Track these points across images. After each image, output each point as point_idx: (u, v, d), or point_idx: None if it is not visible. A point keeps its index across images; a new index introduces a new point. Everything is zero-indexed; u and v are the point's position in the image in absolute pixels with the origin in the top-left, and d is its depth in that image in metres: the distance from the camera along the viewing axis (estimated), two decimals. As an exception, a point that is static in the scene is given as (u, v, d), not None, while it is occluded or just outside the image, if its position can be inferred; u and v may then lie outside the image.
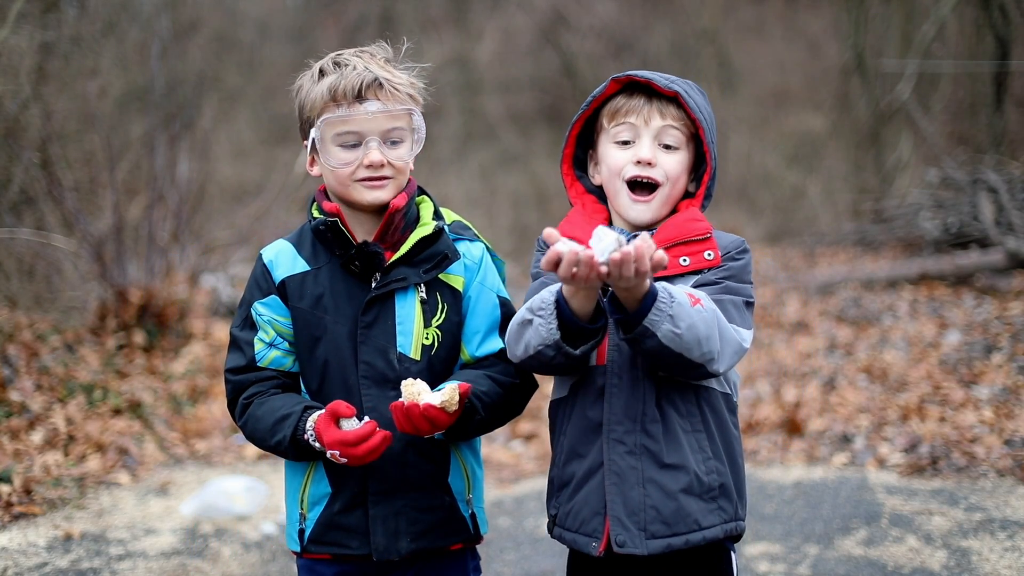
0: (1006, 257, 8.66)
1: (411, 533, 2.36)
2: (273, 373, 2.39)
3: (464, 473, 2.43)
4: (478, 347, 2.41)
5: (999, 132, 11.87)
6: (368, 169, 2.32)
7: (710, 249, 2.26)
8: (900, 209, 11.53)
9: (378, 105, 2.30)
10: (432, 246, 2.38)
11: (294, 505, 2.44)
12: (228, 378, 2.42)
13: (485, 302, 2.42)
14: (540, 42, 18.27)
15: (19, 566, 4.38)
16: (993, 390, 6.18)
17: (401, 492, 2.35)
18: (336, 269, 2.37)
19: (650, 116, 2.31)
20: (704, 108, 2.33)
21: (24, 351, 6.47)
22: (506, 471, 6.07)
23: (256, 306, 2.40)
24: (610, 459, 2.23)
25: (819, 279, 9.93)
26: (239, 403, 2.40)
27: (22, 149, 7.44)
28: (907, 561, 4.28)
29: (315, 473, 2.39)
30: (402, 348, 2.34)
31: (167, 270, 7.67)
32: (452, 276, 2.40)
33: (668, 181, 2.31)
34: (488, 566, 4.50)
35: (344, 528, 2.37)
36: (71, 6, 8.75)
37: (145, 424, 6.28)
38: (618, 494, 2.21)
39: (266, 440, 2.32)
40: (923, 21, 12.50)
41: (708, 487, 2.22)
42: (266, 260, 2.42)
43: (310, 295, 2.37)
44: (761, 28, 17.40)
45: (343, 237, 2.35)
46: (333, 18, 17.52)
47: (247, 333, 2.41)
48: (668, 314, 2.06)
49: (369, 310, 2.34)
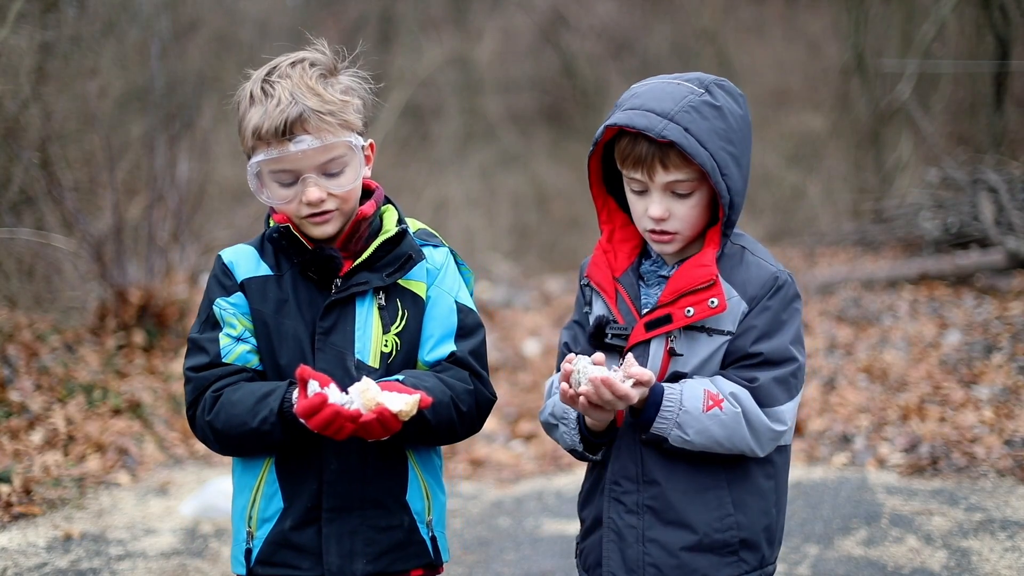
0: (1006, 257, 8.65)
1: (367, 554, 2.25)
2: (240, 367, 2.26)
3: (424, 493, 2.33)
4: (430, 352, 2.30)
5: (999, 132, 11.86)
6: (308, 207, 2.21)
7: (714, 296, 2.14)
8: (900, 209, 11.53)
9: (308, 140, 2.17)
10: (394, 249, 2.29)
11: (241, 522, 2.30)
12: (189, 376, 2.26)
13: (441, 306, 2.32)
14: (540, 42, 18.27)
15: (19, 566, 4.38)
16: (993, 390, 6.17)
17: (358, 509, 2.25)
18: (298, 276, 2.28)
19: (653, 171, 2.16)
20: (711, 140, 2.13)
21: (24, 351, 6.47)
22: (506, 471, 6.07)
23: (220, 302, 2.28)
24: (608, 517, 2.23)
25: (819, 279, 9.92)
26: (206, 398, 2.23)
27: (22, 149, 7.44)
28: (907, 561, 4.27)
29: (266, 487, 2.27)
30: (360, 355, 2.25)
31: (167, 270, 7.66)
32: (414, 282, 2.31)
33: (685, 227, 2.20)
34: (488, 566, 4.50)
35: (295, 547, 2.25)
36: (71, 6, 8.75)
37: (145, 424, 6.28)
38: (615, 551, 2.22)
39: (246, 423, 2.16)
40: (923, 21, 12.49)
41: (723, 543, 2.18)
42: (226, 260, 2.32)
43: (273, 299, 2.28)
44: (761, 28, 17.39)
45: (297, 243, 2.27)
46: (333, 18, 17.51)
47: (209, 333, 2.28)
48: (675, 422, 2.10)
49: (328, 315, 2.25)
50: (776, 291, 2.19)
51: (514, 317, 10.11)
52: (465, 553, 4.68)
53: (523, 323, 9.82)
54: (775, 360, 2.16)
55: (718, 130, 2.15)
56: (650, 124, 2.12)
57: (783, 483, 2.27)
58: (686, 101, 2.15)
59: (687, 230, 2.21)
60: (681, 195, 2.18)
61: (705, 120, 2.14)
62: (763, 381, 2.14)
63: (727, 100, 2.20)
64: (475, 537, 4.89)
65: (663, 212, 2.17)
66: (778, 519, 2.28)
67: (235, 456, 2.32)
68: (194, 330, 2.32)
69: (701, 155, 2.11)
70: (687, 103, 2.15)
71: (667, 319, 2.17)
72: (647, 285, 2.26)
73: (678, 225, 2.19)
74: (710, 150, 2.12)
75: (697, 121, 2.13)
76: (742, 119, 2.21)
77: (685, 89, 2.18)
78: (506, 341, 9.09)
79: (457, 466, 6.21)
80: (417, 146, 17.16)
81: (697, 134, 2.12)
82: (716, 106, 2.17)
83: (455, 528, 5.02)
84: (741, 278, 2.20)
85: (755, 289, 2.18)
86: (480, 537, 4.88)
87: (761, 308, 2.17)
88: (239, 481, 2.33)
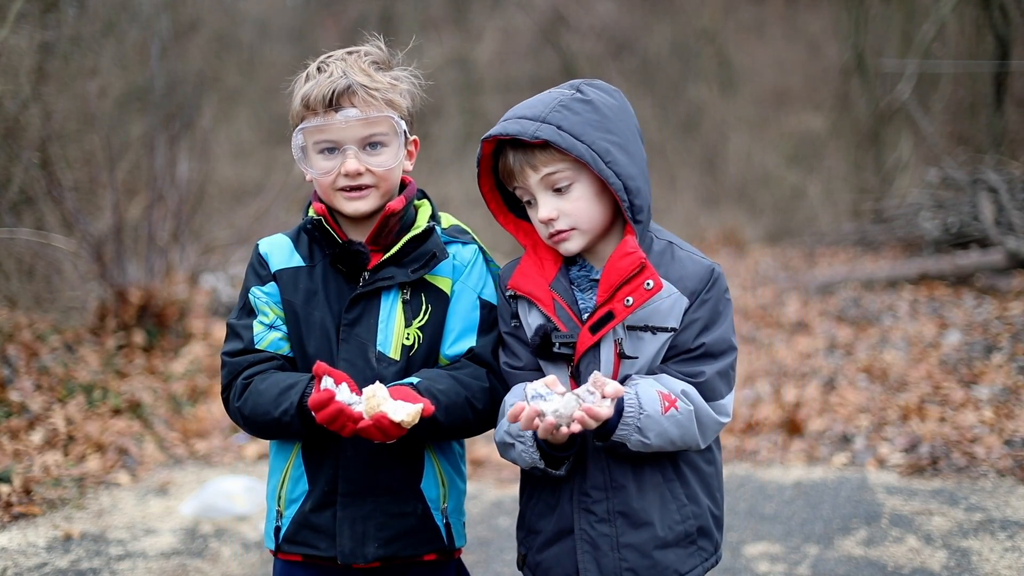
0: (1006, 257, 8.65)
1: (379, 539, 2.32)
2: (272, 354, 2.35)
3: (440, 481, 2.39)
4: (450, 346, 2.36)
5: (999, 132, 11.86)
6: (346, 178, 2.29)
7: (649, 279, 2.14)
8: (900, 209, 11.54)
9: (354, 112, 2.26)
10: (421, 245, 2.35)
11: (273, 502, 2.42)
12: (225, 360, 2.37)
13: (464, 302, 2.37)
14: (540, 42, 18.26)
15: (19, 566, 4.38)
16: (993, 390, 6.17)
17: (371, 495, 2.32)
18: (328, 268, 2.36)
19: (524, 175, 2.19)
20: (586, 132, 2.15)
21: (24, 351, 6.47)
22: (506, 471, 6.07)
23: (254, 290, 2.38)
24: (581, 528, 2.23)
25: (819, 279, 9.93)
26: (237, 384, 2.34)
27: (22, 149, 7.44)
28: (907, 561, 4.27)
29: (294, 470, 2.36)
30: (382, 347, 2.31)
31: (167, 270, 7.67)
32: (439, 278, 2.37)
33: (577, 221, 2.20)
34: (488, 566, 4.50)
35: (314, 528, 2.34)
36: (71, 6, 8.75)
37: (145, 424, 6.28)
38: (591, 561, 2.22)
39: (270, 412, 2.26)
40: (923, 21, 12.49)
41: (685, 534, 2.23)
42: (262, 251, 2.42)
43: (303, 289, 2.35)
44: (761, 28, 17.39)
45: (330, 236, 2.35)
46: (333, 18, 17.52)
47: (245, 320, 2.38)
48: (636, 426, 2.11)
49: (353, 307, 2.32)
50: (713, 284, 2.22)
51: (514, 317, 10.10)
52: (465, 553, 4.68)
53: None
54: (716, 352, 2.20)
55: (592, 122, 2.17)
56: (523, 129, 2.16)
57: (719, 467, 2.32)
58: (556, 102, 2.19)
59: (581, 223, 2.21)
60: (561, 190, 2.19)
61: (576, 115, 2.17)
62: (708, 375, 2.18)
63: (598, 94, 2.22)
64: (475, 537, 4.89)
65: (550, 212, 2.19)
66: (720, 501, 2.32)
67: (265, 439, 2.42)
68: (232, 316, 2.42)
69: (578, 148, 2.13)
70: (557, 103, 2.19)
71: (609, 316, 2.17)
72: (580, 290, 2.26)
73: (570, 221, 2.20)
74: (586, 141, 2.14)
75: (569, 117, 2.17)
76: (619, 109, 2.23)
77: (555, 94, 2.22)
78: (506, 341, 9.09)
79: (457, 466, 6.21)
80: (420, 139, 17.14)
81: (571, 129, 2.15)
82: (586, 100, 2.20)
83: (455, 528, 5.02)
84: (678, 274, 2.21)
85: (694, 283, 2.21)
86: (480, 537, 4.88)
87: (700, 301, 2.20)
88: (273, 463, 2.42)
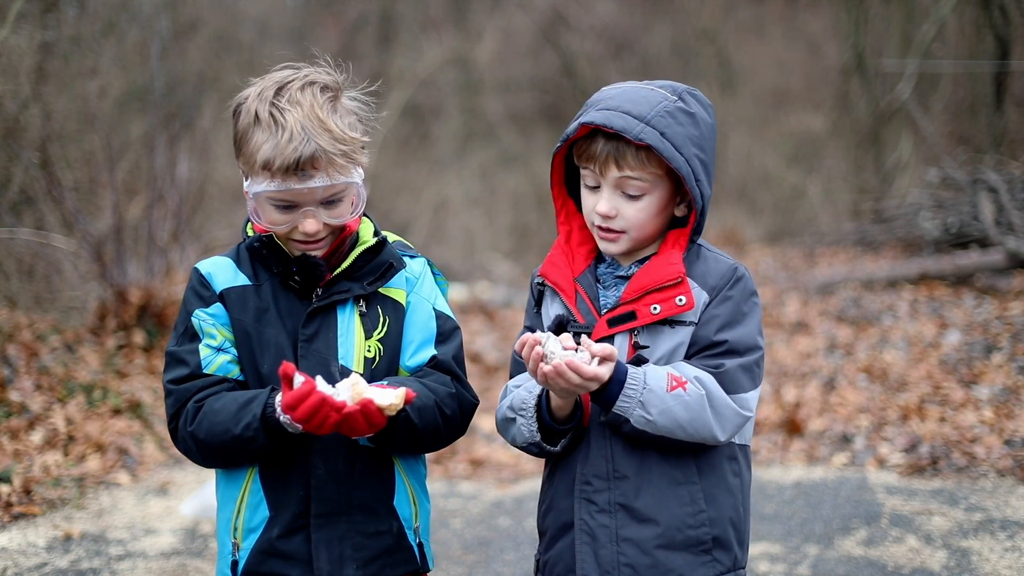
0: (1006, 257, 8.65)
1: (357, 560, 2.25)
2: (221, 378, 2.25)
3: (411, 499, 2.34)
4: (411, 357, 2.32)
5: (999, 132, 11.86)
6: (303, 235, 2.23)
7: (682, 294, 2.15)
8: (900, 209, 11.53)
9: (317, 178, 2.17)
10: (375, 258, 2.31)
11: (226, 535, 2.29)
12: (170, 389, 2.25)
13: (420, 313, 2.34)
14: (540, 42, 18.26)
15: (19, 566, 4.38)
16: (993, 390, 6.17)
17: (346, 514, 2.25)
18: (277, 286, 2.29)
19: (606, 167, 2.17)
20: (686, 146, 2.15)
21: (24, 351, 6.47)
22: (506, 471, 6.07)
23: (198, 313, 2.28)
24: (580, 518, 2.21)
25: (819, 279, 9.93)
26: (188, 408, 2.22)
27: (22, 149, 7.44)
28: (907, 561, 4.27)
29: (251, 497, 2.26)
30: (344, 361, 2.26)
31: (167, 270, 7.67)
32: (394, 290, 2.33)
33: (632, 228, 2.20)
34: (488, 566, 4.50)
35: (283, 555, 2.24)
36: (71, 6, 8.75)
37: (145, 424, 6.28)
38: (589, 553, 2.19)
39: (230, 430, 2.16)
40: (923, 21, 12.50)
41: (697, 540, 2.17)
42: (203, 272, 2.32)
43: (253, 308, 2.28)
44: (761, 28, 17.39)
45: (280, 253, 2.28)
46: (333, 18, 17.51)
47: (188, 345, 2.27)
48: (638, 400, 2.08)
49: (310, 323, 2.26)
50: (735, 282, 2.21)
51: (514, 317, 10.10)
52: (465, 553, 4.68)
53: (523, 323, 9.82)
54: (740, 349, 2.17)
55: (692, 136, 2.17)
56: (627, 126, 2.13)
57: (747, 484, 2.27)
58: (661, 106, 2.17)
59: (634, 231, 2.21)
60: (631, 196, 2.19)
61: (680, 126, 2.16)
62: (729, 367, 2.15)
63: (699, 109, 2.21)
64: (475, 537, 4.89)
65: (610, 209, 2.19)
66: (745, 520, 2.27)
67: (218, 467, 2.31)
68: (171, 344, 2.31)
69: (677, 160, 2.13)
70: (662, 108, 2.16)
71: (631, 316, 2.17)
72: (604, 287, 2.26)
73: (625, 225, 2.20)
74: (685, 156, 2.14)
75: (672, 126, 2.15)
76: (711, 128, 2.23)
77: (659, 95, 2.19)
78: (506, 341, 9.09)
79: (457, 466, 6.21)
80: (417, 146, 17.15)
81: (673, 139, 2.14)
82: (690, 112, 2.19)
83: (455, 528, 5.03)
84: (700, 270, 2.22)
85: (715, 280, 2.20)
86: (480, 537, 4.88)
87: (722, 298, 2.19)
88: (223, 494, 2.32)
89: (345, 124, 2.23)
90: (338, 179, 2.19)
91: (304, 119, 2.17)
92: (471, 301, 10.78)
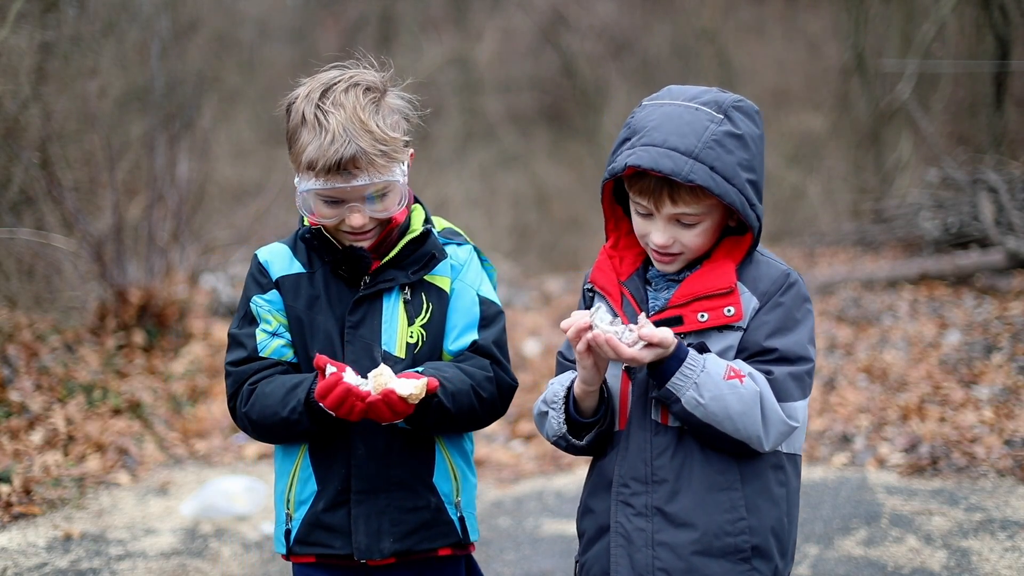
0: (1006, 257, 8.65)
1: (394, 534, 2.37)
2: (276, 361, 2.40)
3: (452, 475, 2.44)
4: (454, 341, 2.42)
5: (999, 132, 11.86)
6: (351, 229, 2.35)
7: (731, 305, 2.14)
8: (900, 209, 11.52)
9: (361, 177, 2.29)
10: (420, 248, 2.42)
11: (281, 506, 2.45)
12: (229, 371, 2.42)
13: (464, 299, 2.44)
14: (540, 42, 18.26)
15: (19, 566, 4.38)
16: (993, 390, 6.17)
17: (384, 491, 2.37)
18: (328, 274, 2.42)
19: (660, 203, 2.15)
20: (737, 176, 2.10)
21: (24, 351, 6.47)
22: (506, 471, 6.07)
23: (256, 299, 2.42)
24: (616, 521, 2.19)
25: (819, 279, 9.92)
26: (243, 390, 2.38)
27: (22, 149, 7.44)
28: (907, 561, 4.28)
29: (302, 472, 2.40)
30: (387, 346, 2.37)
31: (167, 270, 7.66)
32: (438, 277, 2.44)
33: (689, 251, 2.20)
34: (488, 566, 4.50)
35: (327, 527, 2.38)
36: (71, 6, 8.75)
37: (145, 424, 6.28)
38: (624, 556, 2.17)
39: (278, 413, 2.31)
40: (923, 21, 12.49)
41: (735, 548, 2.13)
42: (262, 259, 2.46)
43: (305, 295, 2.41)
44: (761, 28, 17.39)
45: (329, 244, 2.41)
46: (333, 18, 17.52)
47: (247, 329, 2.42)
48: (694, 381, 2.07)
49: (356, 310, 2.38)
50: (788, 288, 2.18)
51: (514, 317, 10.10)
52: (465, 553, 4.68)
53: (523, 323, 9.82)
54: (791, 357, 2.15)
55: (742, 161, 2.13)
56: (676, 168, 2.08)
57: (795, 493, 2.23)
58: (708, 134, 2.11)
59: (692, 253, 2.21)
60: (687, 224, 2.17)
61: (730, 154, 2.11)
62: (779, 375, 2.13)
63: (747, 125, 2.16)
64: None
65: (667, 240, 2.18)
66: (790, 530, 2.22)
67: (273, 443, 2.46)
68: (233, 326, 2.46)
69: (730, 196, 2.10)
70: (710, 137, 2.11)
71: (677, 320, 2.16)
72: (655, 289, 2.25)
73: (682, 249, 2.20)
74: (737, 185, 2.11)
75: (722, 157, 2.10)
76: (760, 139, 2.19)
77: (704, 117, 2.13)
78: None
79: (457, 466, 6.20)
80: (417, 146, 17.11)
81: (723, 171, 2.10)
82: (738, 135, 2.13)
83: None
84: (752, 275, 2.19)
85: (766, 285, 2.18)
86: (480, 537, 4.88)
87: (773, 304, 2.17)
88: (279, 467, 2.46)
89: (387, 124, 2.33)
90: (379, 178, 2.30)
91: (347, 121, 2.27)
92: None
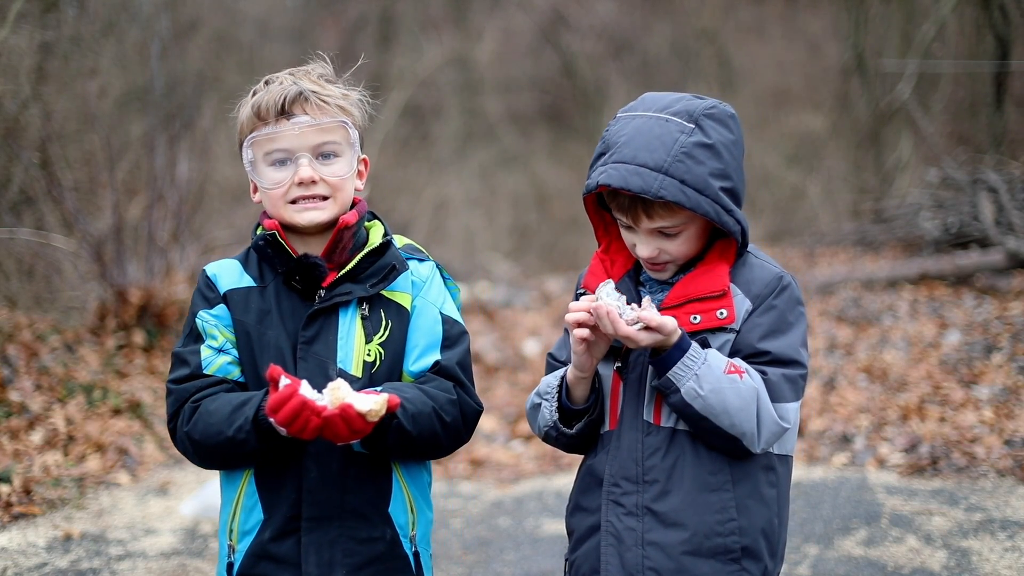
0: (1006, 257, 8.65)
1: (347, 565, 2.22)
2: (221, 379, 2.26)
3: (409, 506, 2.30)
4: (415, 362, 2.29)
5: (999, 132, 11.86)
6: (300, 187, 2.23)
7: (724, 307, 2.15)
8: (900, 209, 11.52)
9: (306, 119, 2.22)
10: (378, 260, 2.29)
11: (224, 537, 2.30)
12: (170, 389, 2.27)
13: (426, 317, 2.31)
14: (540, 42, 18.26)
15: (19, 566, 4.38)
16: (993, 390, 6.17)
17: (338, 519, 2.22)
18: (281, 287, 2.29)
19: (638, 219, 2.16)
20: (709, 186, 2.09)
21: (24, 351, 6.47)
22: (506, 471, 6.07)
23: (202, 314, 2.29)
24: (607, 520, 2.19)
25: (819, 279, 9.92)
26: (185, 409, 2.23)
27: (22, 149, 7.44)
28: (907, 561, 4.27)
29: (246, 499, 2.25)
30: (342, 364, 2.24)
31: (167, 270, 7.66)
32: (398, 293, 2.31)
33: (678, 257, 2.21)
34: (488, 566, 4.50)
35: (274, 558, 2.23)
36: (71, 6, 8.75)
37: (145, 424, 6.28)
38: (614, 555, 2.18)
39: (222, 432, 2.16)
40: (923, 21, 12.49)
41: (724, 548, 2.14)
42: (210, 274, 2.33)
43: (256, 309, 2.28)
44: (761, 28, 17.39)
45: (283, 252, 2.27)
46: (333, 18, 17.51)
47: (191, 346, 2.28)
48: (694, 372, 2.07)
49: (311, 325, 2.25)
50: (781, 291, 2.19)
51: (514, 317, 10.11)
52: (465, 553, 4.68)
53: (523, 323, 9.82)
54: (784, 359, 2.16)
55: (714, 171, 2.12)
56: (646, 185, 2.08)
57: (785, 494, 2.24)
58: (677, 147, 2.10)
59: (680, 259, 2.22)
60: (669, 235, 2.18)
61: (700, 164, 2.10)
62: (772, 376, 2.14)
63: (718, 132, 2.15)
64: (475, 537, 4.89)
65: (653, 252, 2.19)
66: (780, 531, 2.23)
67: (215, 468, 2.31)
68: (178, 344, 2.33)
69: (702, 207, 2.10)
70: (679, 150, 2.10)
71: None
72: (648, 291, 2.25)
73: (669, 257, 2.21)
74: (709, 195, 2.10)
75: (693, 169, 2.10)
76: (734, 144, 2.17)
77: (675, 128, 2.13)
78: (506, 341, 9.09)
79: (457, 466, 6.21)
80: (417, 146, 17.16)
81: (695, 183, 2.09)
82: (708, 145, 2.12)
83: (455, 528, 5.03)
84: (745, 277, 2.20)
85: (759, 288, 2.18)
86: (480, 537, 4.88)
87: (766, 307, 2.17)
88: (223, 496, 2.32)
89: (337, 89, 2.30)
90: (326, 120, 2.23)
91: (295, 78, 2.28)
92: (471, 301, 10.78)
